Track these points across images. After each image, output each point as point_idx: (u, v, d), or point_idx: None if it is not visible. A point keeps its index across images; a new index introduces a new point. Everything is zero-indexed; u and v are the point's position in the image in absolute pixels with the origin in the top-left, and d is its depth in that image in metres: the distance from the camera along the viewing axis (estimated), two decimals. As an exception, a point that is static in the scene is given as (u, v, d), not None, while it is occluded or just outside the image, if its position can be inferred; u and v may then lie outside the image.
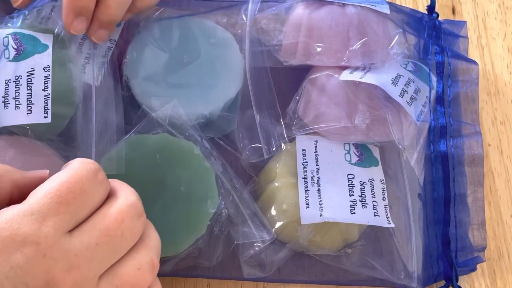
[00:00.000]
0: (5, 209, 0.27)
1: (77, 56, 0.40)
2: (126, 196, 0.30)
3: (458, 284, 0.40)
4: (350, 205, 0.39)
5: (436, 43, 0.44)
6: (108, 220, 0.29)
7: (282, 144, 0.41)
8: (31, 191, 0.29)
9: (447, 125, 0.42)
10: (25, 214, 0.27)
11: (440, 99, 0.43)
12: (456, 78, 0.45)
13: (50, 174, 0.37)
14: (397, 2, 0.51)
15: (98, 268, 0.28)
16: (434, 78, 0.43)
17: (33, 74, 0.37)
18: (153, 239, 0.31)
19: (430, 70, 0.44)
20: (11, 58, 0.38)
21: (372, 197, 0.40)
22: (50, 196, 0.28)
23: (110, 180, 0.33)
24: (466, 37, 0.47)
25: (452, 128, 0.43)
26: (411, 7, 0.49)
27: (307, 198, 0.39)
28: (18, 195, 0.31)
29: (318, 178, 0.40)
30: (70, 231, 0.28)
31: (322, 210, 0.39)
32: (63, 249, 0.27)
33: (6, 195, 0.30)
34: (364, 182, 0.40)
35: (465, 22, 0.47)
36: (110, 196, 0.31)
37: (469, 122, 0.44)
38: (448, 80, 0.44)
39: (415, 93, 0.42)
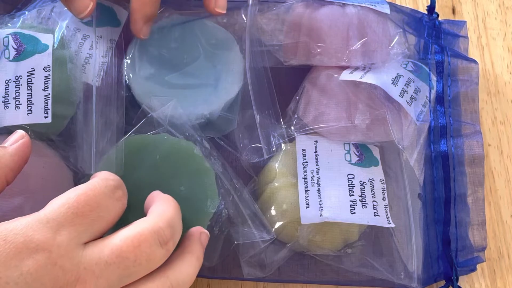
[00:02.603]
0: (21, 217, 0.28)
1: (77, 56, 0.40)
2: (154, 220, 0.30)
3: (458, 284, 0.40)
4: (350, 205, 0.39)
5: (436, 42, 0.44)
6: (123, 242, 0.28)
7: (282, 144, 0.41)
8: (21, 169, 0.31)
9: (447, 125, 0.42)
10: (40, 222, 0.27)
11: (440, 99, 0.43)
12: (456, 78, 0.45)
13: (49, 174, 0.37)
14: (397, 2, 0.51)
15: (105, 286, 0.27)
16: (434, 78, 0.43)
17: (33, 74, 0.37)
18: (179, 273, 0.30)
19: (430, 70, 0.43)
20: (11, 58, 0.38)
21: (372, 197, 0.40)
22: (67, 207, 0.28)
23: (155, 193, 0.33)
24: (466, 37, 0.47)
25: (452, 127, 0.43)
26: (411, 7, 0.49)
27: (307, 198, 0.39)
28: (12, 178, 0.31)
29: (318, 178, 0.40)
30: (86, 243, 0.28)
31: (322, 210, 0.38)
32: (73, 260, 0.27)
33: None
34: (364, 182, 0.40)
35: (465, 22, 0.47)
36: (148, 214, 0.31)
37: (469, 121, 0.44)
38: (448, 79, 0.44)
39: (415, 93, 0.42)
